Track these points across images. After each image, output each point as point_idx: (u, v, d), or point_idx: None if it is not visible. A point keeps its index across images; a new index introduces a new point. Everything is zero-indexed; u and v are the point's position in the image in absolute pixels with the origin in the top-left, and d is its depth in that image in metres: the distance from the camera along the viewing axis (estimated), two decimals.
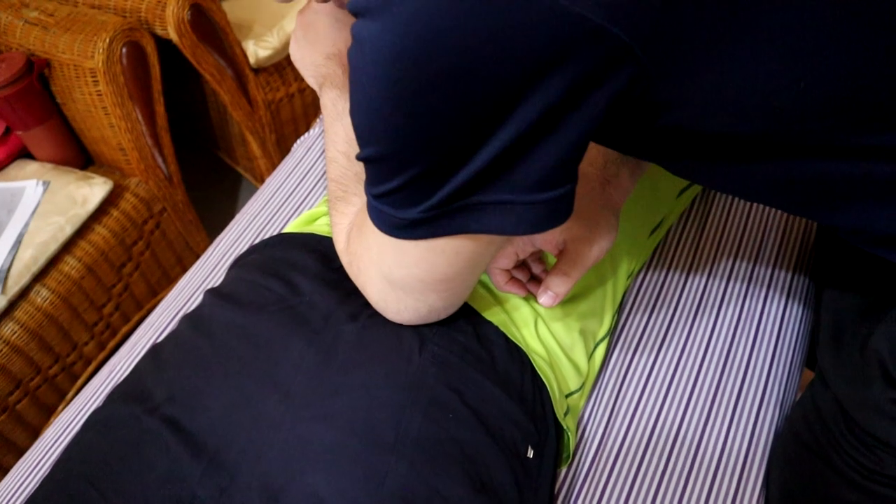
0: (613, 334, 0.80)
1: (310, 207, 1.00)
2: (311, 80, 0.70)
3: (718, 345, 0.81)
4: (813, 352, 0.86)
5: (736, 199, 0.94)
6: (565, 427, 0.65)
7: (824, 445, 0.64)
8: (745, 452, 0.74)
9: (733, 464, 0.73)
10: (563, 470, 0.72)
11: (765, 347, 0.81)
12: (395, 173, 0.43)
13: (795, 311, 0.85)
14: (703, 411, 0.77)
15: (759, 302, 0.85)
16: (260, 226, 0.99)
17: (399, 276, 0.53)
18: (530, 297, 0.67)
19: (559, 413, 0.64)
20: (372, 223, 0.49)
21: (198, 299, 0.92)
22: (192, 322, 0.65)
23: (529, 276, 0.68)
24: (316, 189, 1.02)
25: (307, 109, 1.62)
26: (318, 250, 0.68)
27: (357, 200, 0.60)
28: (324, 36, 0.68)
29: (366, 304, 0.61)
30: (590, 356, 0.72)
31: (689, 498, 0.71)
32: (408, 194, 0.44)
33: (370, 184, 0.47)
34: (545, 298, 0.61)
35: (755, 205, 0.93)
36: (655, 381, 0.79)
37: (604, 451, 0.75)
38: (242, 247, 0.97)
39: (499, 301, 0.67)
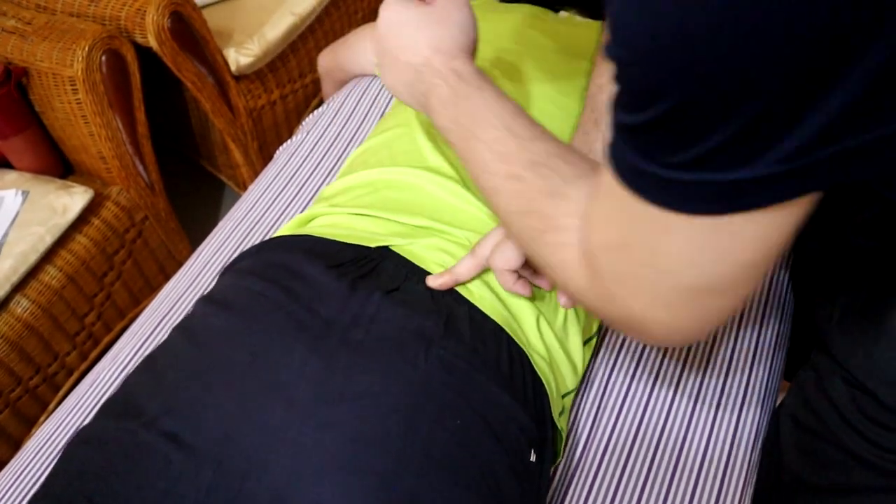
0: (599, 333, 0.81)
1: (294, 213, 0.99)
2: (411, 102, 0.62)
3: (701, 343, 0.82)
4: (790, 364, 0.87)
5: None
6: (560, 427, 0.66)
7: (836, 432, 0.63)
8: (728, 449, 0.75)
9: (717, 460, 0.74)
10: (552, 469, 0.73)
11: (746, 347, 0.82)
12: (716, 122, 0.31)
13: (775, 311, 0.86)
14: (687, 410, 0.78)
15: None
16: (244, 232, 0.99)
17: (717, 272, 0.39)
18: (533, 293, 0.66)
19: (556, 413, 0.65)
20: (667, 218, 0.36)
21: (182, 307, 0.91)
22: (185, 332, 0.63)
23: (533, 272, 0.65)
24: (300, 196, 1.02)
25: (289, 116, 1.61)
26: (314, 252, 0.65)
27: (558, 213, 0.46)
28: (413, 41, 0.58)
29: (367, 308, 0.59)
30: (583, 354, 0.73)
31: (674, 495, 0.72)
32: (742, 147, 0.32)
33: (663, 154, 0.34)
34: (565, 299, 0.58)
35: None
36: (640, 379, 0.80)
37: (590, 449, 0.75)
38: (226, 254, 0.97)
39: (500, 299, 0.65)
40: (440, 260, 0.64)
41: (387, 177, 0.72)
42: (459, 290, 0.63)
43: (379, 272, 0.63)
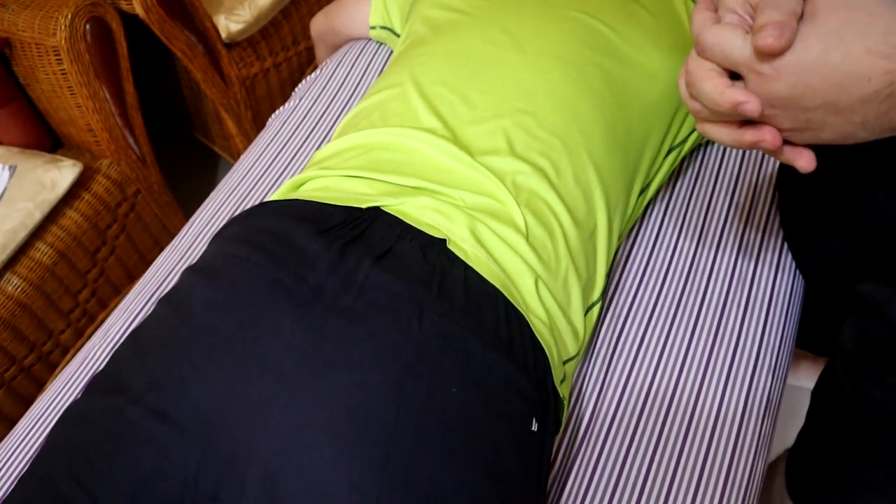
0: (605, 297, 0.78)
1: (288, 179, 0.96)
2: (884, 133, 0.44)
3: (710, 311, 0.80)
4: (804, 332, 0.85)
5: (725, 160, 0.92)
6: (562, 395, 0.63)
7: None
8: (739, 419, 0.73)
9: (728, 430, 0.72)
10: (557, 438, 0.70)
11: (756, 314, 0.80)
12: None
13: (787, 277, 0.83)
14: (696, 379, 0.75)
15: (750, 267, 0.83)
16: (236, 202, 0.96)
17: None
18: (526, 254, 0.62)
19: (557, 380, 0.62)
20: None
21: (173, 280, 0.89)
22: (170, 303, 0.60)
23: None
24: (293, 163, 0.99)
25: (283, 85, 1.58)
26: (304, 216, 0.62)
27: None
28: (854, 63, 0.40)
29: (357, 273, 0.57)
30: (584, 320, 0.70)
31: (683, 467, 0.70)
32: None
33: None
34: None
35: (744, 166, 0.91)
36: (648, 348, 0.77)
37: (597, 418, 0.73)
38: (219, 224, 0.94)
39: (496, 260, 0.62)
40: (432, 220, 0.62)
41: (378, 138, 0.69)
42: (454, 249, 0.60)
43: (370, 234, 0.60)
